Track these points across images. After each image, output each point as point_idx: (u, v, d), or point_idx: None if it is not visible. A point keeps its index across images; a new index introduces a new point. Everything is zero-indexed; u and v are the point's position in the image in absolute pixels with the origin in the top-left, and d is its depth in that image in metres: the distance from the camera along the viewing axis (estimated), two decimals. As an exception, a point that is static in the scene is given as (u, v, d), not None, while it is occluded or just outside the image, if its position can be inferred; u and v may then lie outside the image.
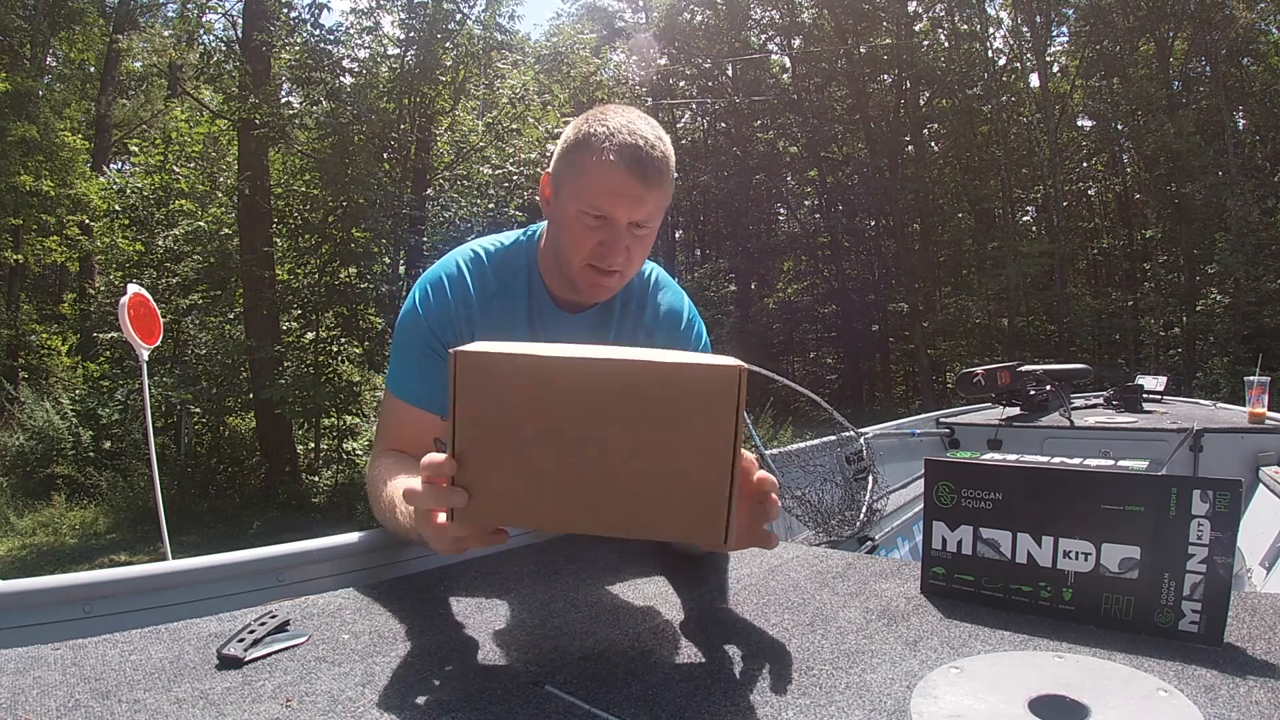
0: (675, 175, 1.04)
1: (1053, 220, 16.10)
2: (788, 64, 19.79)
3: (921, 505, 0.96)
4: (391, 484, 0.95)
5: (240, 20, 8.72)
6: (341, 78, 8.47)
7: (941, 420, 3.46)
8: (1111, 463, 0.78)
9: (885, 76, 18.22)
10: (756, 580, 0.94)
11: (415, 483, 0.68)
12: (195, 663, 0.69)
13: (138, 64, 14.75)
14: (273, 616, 0.77)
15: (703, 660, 0.69)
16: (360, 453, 8.66)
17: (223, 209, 9.27)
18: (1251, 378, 3.03)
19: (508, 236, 1.16)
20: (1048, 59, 16.63)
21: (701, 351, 1.16)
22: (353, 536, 1.01)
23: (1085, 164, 17.19)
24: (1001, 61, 16.97)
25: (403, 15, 8.67)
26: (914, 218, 17.77)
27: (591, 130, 0.98)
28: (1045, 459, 0.82)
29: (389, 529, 0.98)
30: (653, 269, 1.19)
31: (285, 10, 8.13)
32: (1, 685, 0.64)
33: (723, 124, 20.67)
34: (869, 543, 2.08)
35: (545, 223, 1.11)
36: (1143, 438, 2.95)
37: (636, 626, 0.79)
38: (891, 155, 17.53)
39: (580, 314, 1.13)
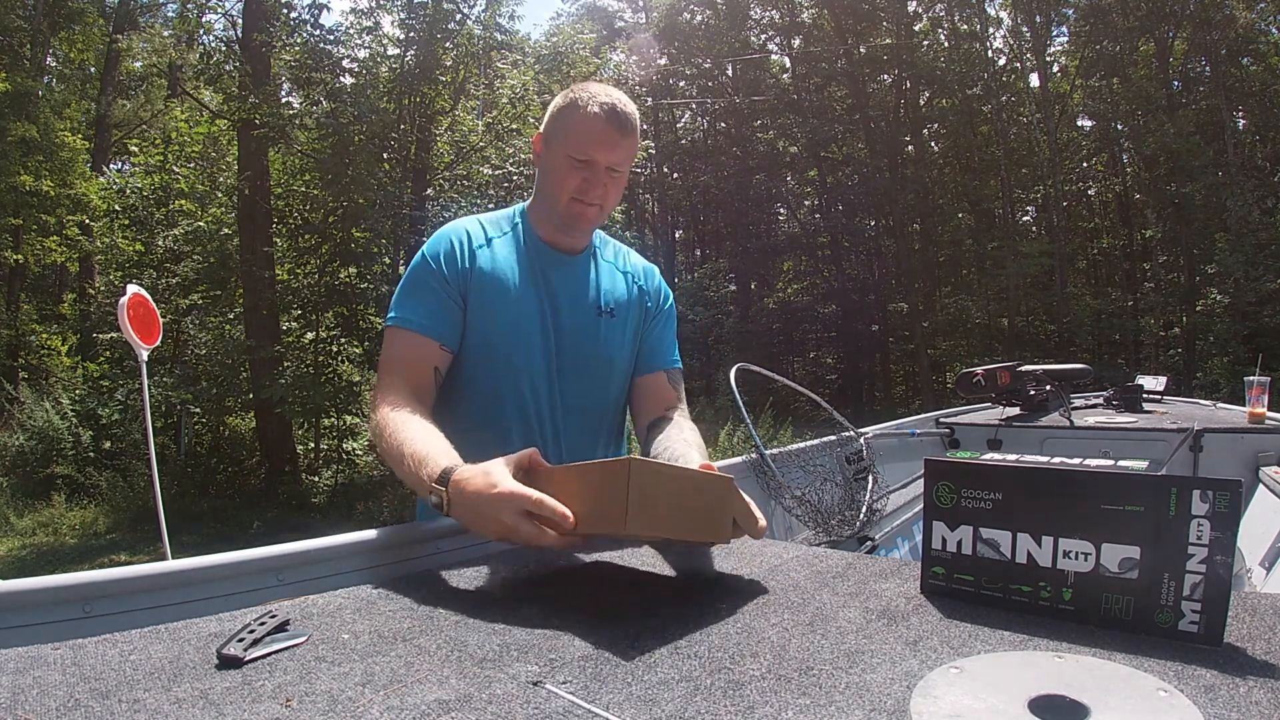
0: (644, 131, 1.27)
1: (1053, 220, 16.11)
2: (788, 64, 19.80)
3: (921, 505, 0.96)
4: (410, 441, 1.04)
5: (240, 20, 8.72)
6: (341, 78, 8.46)
7: (941, 420, 3.44)
8: (1111, 463, 0.78)
9: (885, 76, 18.23)
10: (756, 580, 0.94)
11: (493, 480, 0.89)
12: (195, 662, 0.69)
13: (138, 64, 14.78)
14: (272, 616, 0.77)
15: (703, 660, 0.69)
16: (360, 452, 8.65)
17: (223, 209, 9.27)
18: (1251, 378, 3.01)
19: (499, 210, 1.42)
20: (1048, 59, 16.64)
21: (665, 309, 1.43)
22: (353, 536, 1.01)
23: (1085, 164, 17.20)
24: (1001, 61, 16.98)
25: (403, 15, 8.65)
26: (914, 218, 17.78)
27: (577, 95, 1.24)
28: (1045, 459, 0.82)
29: (398, 473, 1.06)
30: (628, 248, 1.47)
31: (285, 10, 8.12)
32: (1, 685, 0.64)
33: (723, 124, 20.69)
34: (869, 543, 2.08)
35: (529, 202, 1.35)
36: (1143, 438, 2.93)
37: (636, 626, 0.79)
38: (891, 155, 17.53)
39: (571, 256, 1.34)
